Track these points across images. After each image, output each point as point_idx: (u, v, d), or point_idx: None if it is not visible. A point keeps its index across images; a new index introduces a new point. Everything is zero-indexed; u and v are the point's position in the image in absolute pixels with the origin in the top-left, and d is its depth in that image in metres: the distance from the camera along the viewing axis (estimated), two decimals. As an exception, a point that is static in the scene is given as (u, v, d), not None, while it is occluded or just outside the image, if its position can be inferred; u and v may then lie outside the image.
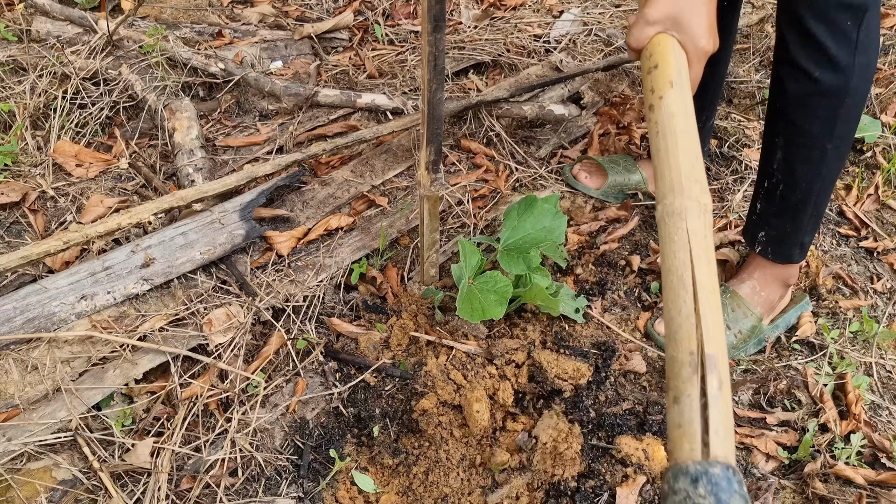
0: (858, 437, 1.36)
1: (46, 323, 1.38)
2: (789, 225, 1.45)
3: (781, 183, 1.41)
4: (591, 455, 1.30)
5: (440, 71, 1.17)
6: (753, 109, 2.15)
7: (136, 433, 1.32)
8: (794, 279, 1.56)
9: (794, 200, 1.41)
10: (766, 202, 1.46)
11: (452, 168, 1.88)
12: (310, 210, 1.71)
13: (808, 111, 1.31)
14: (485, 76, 2.20)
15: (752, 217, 1.51)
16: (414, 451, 1.32)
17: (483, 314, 1.33)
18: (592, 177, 1.82)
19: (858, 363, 1.52)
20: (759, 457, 1.35)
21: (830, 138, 1.31)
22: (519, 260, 1.42)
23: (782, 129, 1.36)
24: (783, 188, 1.41)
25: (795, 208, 1.42)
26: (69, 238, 1.39)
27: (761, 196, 1.46)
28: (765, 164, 1.43)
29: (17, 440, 1.25)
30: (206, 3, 2.40)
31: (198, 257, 1.52)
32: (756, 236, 1.50)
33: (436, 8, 1.08)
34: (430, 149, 1.29)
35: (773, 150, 1.39)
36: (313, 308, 1.52)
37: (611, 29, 2.40)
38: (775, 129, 1.38)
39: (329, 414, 1.37)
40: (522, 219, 1.45)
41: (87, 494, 1.24)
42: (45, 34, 2.08)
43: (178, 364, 1.39)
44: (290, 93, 1.96)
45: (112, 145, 1.87)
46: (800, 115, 1.32)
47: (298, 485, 1.27)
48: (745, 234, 1.55)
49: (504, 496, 1.28)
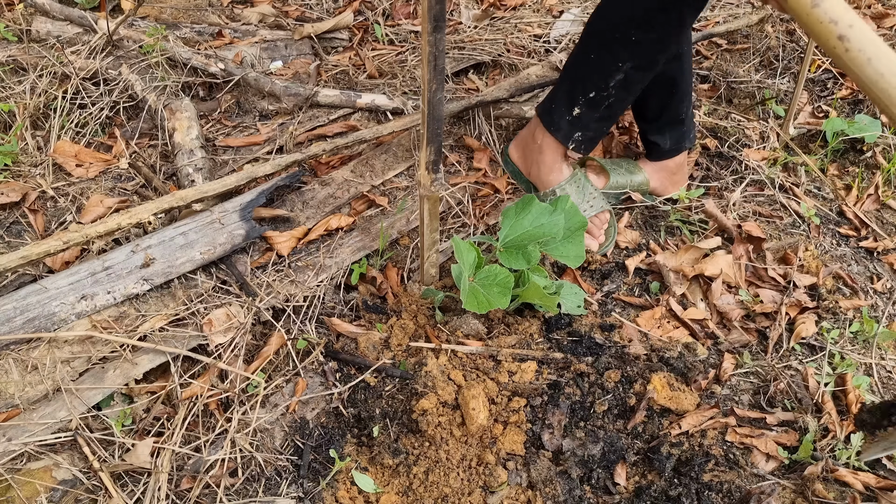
0: (858, 437, 1.36)
1: (46, 323, 1.38)
2: (606, 127, 1.64)
3: (615, 98, 1.54)
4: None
5: (440, 71, 1.17)
6: (753, 109, 2.15)
7: (136, 433, 1.32)
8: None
9: (619, 111, 1.60)
10: (587, 107, 1.58)
11: (452, 168, 1.88)
12: (310, 210, 1.71)
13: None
14: (485, 76, 2.20)
15: (565, 116, 1.60)
16: (414, 451, 1.32)
17: (489, 305, 1.35)
18: (595, 177, 1.82)
19: (858, 363, 1.52)
20: (760, 457, 1.35)
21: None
22: (518, 256, 1.43)
23: (629, 57, 1.47)
24: (613, 101, 1.55)
25: (618, 115, 1.63)
26: (69, 238, 1.39)
27: (582, 101, 1.56)
28: (597, 79, 1.52)
29: (18, 440, 1.25)
30: (206, 3, 2.40)
31: (198, 257, 1.52)
32: (572, 136, 1.62)
33: (436, 8, 1.08)
34: (430, 149, 1.29)
35: (617, 72, 1.50)
36: (313, 308, 1.52)
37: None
38: (620, 55, 1.48)
39: (329, 414, 1.37)
40: (521, 217, 1.46)
41: (87, 494, 1.24)
42: (45, 34, 2.08)
43: (178, 364, 1.39)
44: (290, 93, 1.96)
45: (112, 145, 1.87)
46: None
47: (298, 485, 1.27)
48: (555, 129, 1.63)
49: (504, 496, 1.28)
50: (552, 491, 1.28)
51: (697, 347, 1.52)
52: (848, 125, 2.05)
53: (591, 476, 1.32)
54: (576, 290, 1.56)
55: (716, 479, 1.30)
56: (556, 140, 1.64)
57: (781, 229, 1.80)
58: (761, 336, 1.58)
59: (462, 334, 1.47)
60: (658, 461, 1.31)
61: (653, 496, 1.28)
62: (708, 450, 1.35)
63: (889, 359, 1.55)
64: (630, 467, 1.34)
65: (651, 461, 1.33)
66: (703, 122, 2.07)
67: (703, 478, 1.30)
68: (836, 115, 2.15)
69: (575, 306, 1.54)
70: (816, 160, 2.01)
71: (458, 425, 1.33)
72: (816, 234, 1.80)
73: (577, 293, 1.56)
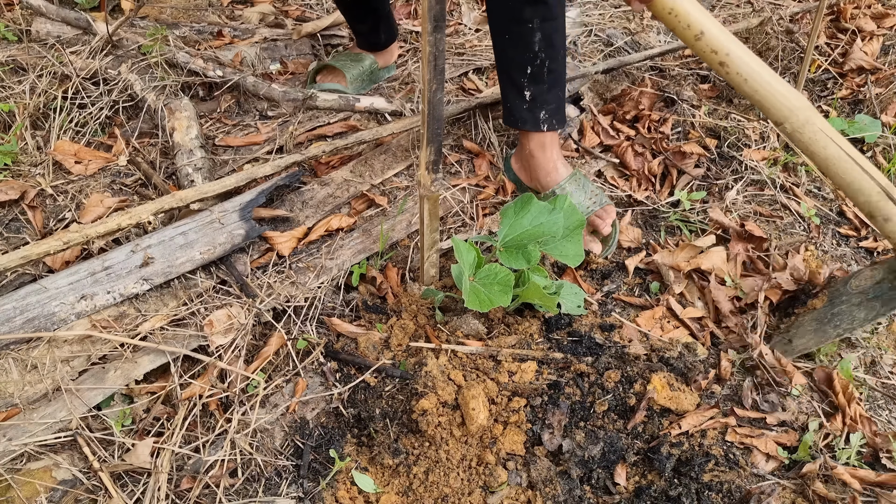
0: (858, 436, 1.36)
1: (46, 323, 1.38)
2: (560, 92, 1.66)
3: (547, 58, 1.58)
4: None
5: (440, 71, 1.17)
6: (753, 109, 2.15)
7: (136, 433, 1.32)
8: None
9: (559, 69, 1.63)
10: (534, 84, 1.61)
11: (452, 168, 1.88)
12: (309, 210, 1.70)
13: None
14: (485, 75, 2.20)
15: (523, 105, 1.65)
16: (414, 451, 1.32)
17: (491, 303, 1.35)
18: (337, 81, 2.04)
19: (859, 363, 1.52)
20: (759, 457, 1.35)
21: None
22: (518, 256, 1.43)
23: (535, 13, 1.52)
24: (549, 62, 1.59)
25: (562, 75, 1.65)
26: (69, 238, 1.39)
27: (526, 82, 1.60)
28: (523, 51, 1.56)
29: (18, 440, 1.25)
30: (206, 2, 2.40)
31: (197, 257, 1.51)
32: (539, 117, 1.65)
33: (436, 8, 1.08)
34: (430, 149, 1.29)
35: (533, 32, 1.53)
36: (314, 309, 1.52)
37: (611, 29, 2.40)
38: (528, 15, 1.51)
39: (329, 414, 1.37)
40: (520, 216, 1.46)
41: (87, 494, 1.24)
42: (45, 34, 2.08)
43: (178, 364, 1.39)
44: (289, 98, 1.97)
45: (112, 145, 1.87)
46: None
47: (298, 485, 1.27)
48: (522, 123, 1.67)
49: (504, 496, 1.28)
50: (552, 491, 1.28)
51: (697, 347, 1.52)
52: (848, 125, 2.05)
53: (591, 476, 1.32)
54: (576, 290, 1.56)
55: (716, 479, 1.30)
56: (532, 132, 1.68)
57: (782, 229, 1.80)
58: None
59: (462, 334, 1.47)
60: (658, 461, 1.31)
61: (653, 496, 1.28)
62: (708, 450, 1.35)
63: (889, 358, 1.55)
64: (630, 467, 1.34)
65: (651, 461, 1.33)
66: (704, 122, 2.07)
67: (703, 478, 1.30)
68: (836, 115, 2.15)
69: (575, 306, 1.54)
70: (816, 160, 2.01)
71: (458, 425, 1.33)
72: (817, 234, 1.80)
73: (577, 293, 1.56)
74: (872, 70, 2.29)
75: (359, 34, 2.13)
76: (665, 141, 1.99)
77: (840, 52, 2.38)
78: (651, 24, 2.44)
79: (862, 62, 2.31)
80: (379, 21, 2.06)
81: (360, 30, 2.11)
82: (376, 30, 2.08)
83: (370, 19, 2.05)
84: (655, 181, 1.91)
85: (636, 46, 2.36)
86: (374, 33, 2.09)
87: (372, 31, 2.08)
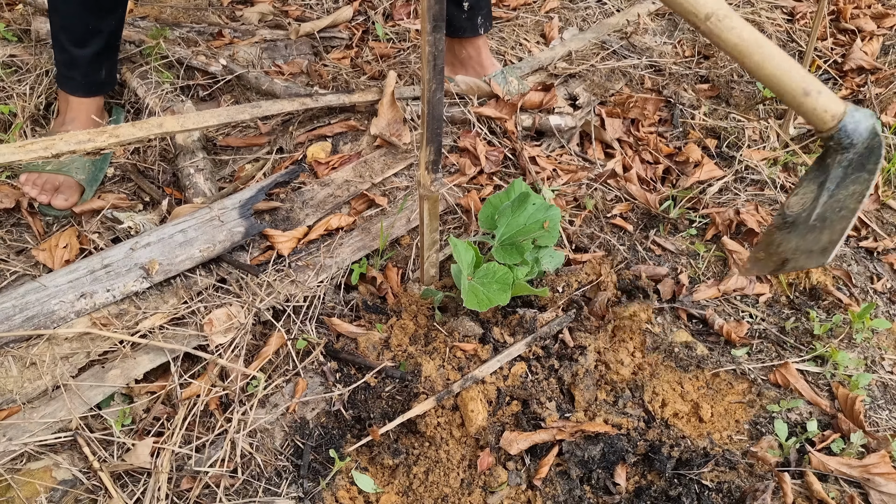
0: (858, 436, 1.36)
1: (46, 321, 1.38)
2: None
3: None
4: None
5: (440, 71, 1.17)
6: (754, 109, 2.15)
7: (136, 433, 1.32)
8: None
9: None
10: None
11: (452, 168, 1.88)
12: (309, 209, 1.70)
13: None
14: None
15: (462, 16, 1.81)
16: (414, 452, 1.32)
17: (490, 302, 1.38)
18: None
19: (858, 363, 1.52)
20: (759, 456, 1.35)
21: None
22: (513, 251, 1.46)
23: None
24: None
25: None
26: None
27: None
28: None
29: (18, 440, 1.25)
30: (206, 3, 2.40)
31: (197, 255, 1.51)
32: (477, 23, 1.85)
33: (435, 8, 1.08)
34: (429, 149, 1.29)
35: None
36: (313, 308, 1.52)
37: (606, 35, 2.40)
38: None
39: (329, 414, 1.37)
40: (516, 214, 1.49)
41: (87, 494, 1.24)
42: (45, 34, 2.08)
43: (178, 364, 1.39)
44: (290, 93, 1.96)
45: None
46: None
47: (298, 485, 1.27)
48: (462, 31, 1.87)
49: (504, 496, 1.28)
50: (552, 491, 1.28)
51: (697, 347, 1.52)
52: (848, 125, 2.04)
53: (591, 476, 1.32)
54: (554, 253, 1.57)
55: (716, 479, 1.30)
56: (471, 37, 1.91)
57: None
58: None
59: (459, 335, 1.47)
60: (658, 461, 1.31)
61: (653, 496, 1.28)
62: (708, 450, 1.35)
63: (889, 358, 1.55)
64: (630, 467, 1.34)
65: (651, 461, 1.33)
66: (703, 122, 2.07)
67: (703, 478, 1.30)
68: (835, 115, 2.15)
69: (554, 266, 1.57)
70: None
71: (457, 426, 1.33)
72: (816, 234, 1.80)
73: (556, 255, 1.57)
74: (872, 70, 2.29)
75: (72, 66, 1.64)
76: (665, 142, 1.99)
77: (839, 54, 2.38)
78: (646, 27, 2.44)
79: (862, 62, 2.31)
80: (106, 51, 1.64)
81: (76, 58, 1.63)
82: (98, 61, 1.64)
83: (95, 42, 1.61)
84: (656, 181, 1.91)
85: (632, 48, 2.36)
86: (95, 64, 1.64)
87: (93, 62, 1.64)
